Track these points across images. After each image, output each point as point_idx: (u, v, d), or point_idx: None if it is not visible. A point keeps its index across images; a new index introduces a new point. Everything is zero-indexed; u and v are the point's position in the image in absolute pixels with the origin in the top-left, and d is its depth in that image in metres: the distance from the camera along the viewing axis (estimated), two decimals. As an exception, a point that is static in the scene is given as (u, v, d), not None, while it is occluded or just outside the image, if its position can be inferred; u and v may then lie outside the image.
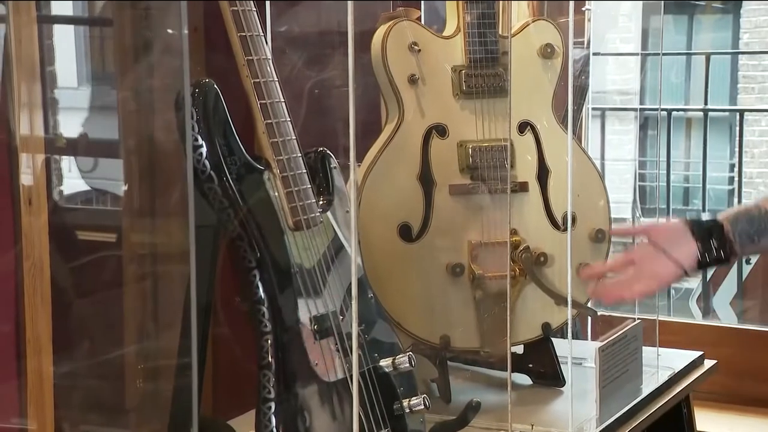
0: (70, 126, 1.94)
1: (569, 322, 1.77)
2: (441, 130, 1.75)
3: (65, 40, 1.97)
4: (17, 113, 1.46)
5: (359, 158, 1.72)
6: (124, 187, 1.85)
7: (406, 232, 1.72)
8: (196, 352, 1.31)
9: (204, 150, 1.36)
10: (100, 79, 2.03)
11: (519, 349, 1.83)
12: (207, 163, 1.36)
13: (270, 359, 1.37)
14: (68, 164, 2.00)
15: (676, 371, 1.92)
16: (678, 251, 1.45)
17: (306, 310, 1.41)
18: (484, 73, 1.74)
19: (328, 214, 1.48)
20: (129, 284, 1.79)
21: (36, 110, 1.50)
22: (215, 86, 1.37)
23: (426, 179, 1.73)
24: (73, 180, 1.98)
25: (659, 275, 1.47)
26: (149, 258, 1.82)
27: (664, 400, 1.82)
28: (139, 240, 1.82)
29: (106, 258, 1.79)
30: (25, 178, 1.48)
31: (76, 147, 1.96)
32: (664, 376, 1.88)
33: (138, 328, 1.80)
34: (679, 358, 1.97)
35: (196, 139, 1.36)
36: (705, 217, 1.84)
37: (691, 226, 1.47)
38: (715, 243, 1.44)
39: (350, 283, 1.46)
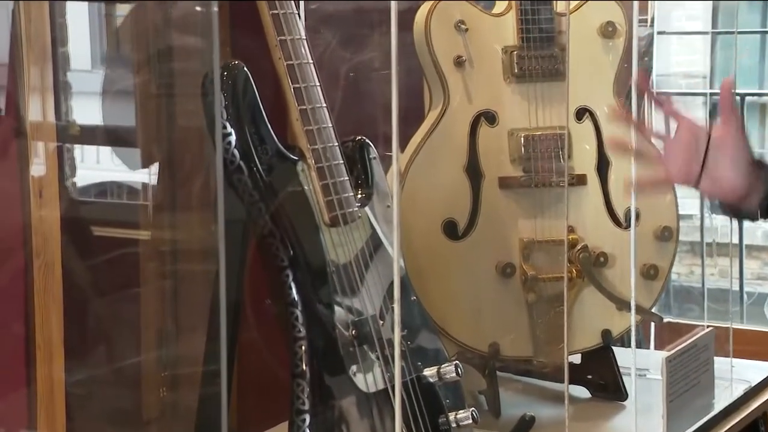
0: (84, 112, 1.97)
1: (633, 329, 1.77)
2: (490, 117, 1.75)
3: (79, 19, 2.00)
4: (27, 98, 1.48)
5: (400, 148, 1.73)
6: (142, 179, 1.87)
7: (451, 229, 1.73)
8: (225, 358, 1.33)
9: (233, 138, 1.38)
10: (117, 61, 2.06)
11: (576, 359, 1.83)
12: (236, 152, 1.38)
13: (304, 367, 1.39)
14: (81, 153, 2.04)
15: (752, 385, 1.91)
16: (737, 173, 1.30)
17: (343, 314, 1.42)
18: (539, 55, 1.74)
19: (366, 208, 1.49)
20: (147, 284, 1.82)
21: (47, 95, 1.51)
22: (245, 69, 1.39)
23: (473, 171, 1.74)
24: (86, 171, 2.01)
25: (721, 179, 1.31)
26: (169, 256, 1.85)
27: (739, 417, 1.82)
28: (158, 236, 1.84)
29: (123, 255, 1.81)
30: (36, 169, 1.50)
31: (90, 135, 1.99)
32: (738, 390, 1.87)
33: (157, 332, 1.83)
34: (755, 370, 1.96)
35: (225, 127, 1.37)
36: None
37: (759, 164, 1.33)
38: None
39: (390, 285, 1.47)
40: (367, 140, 1.53)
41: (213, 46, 1.13)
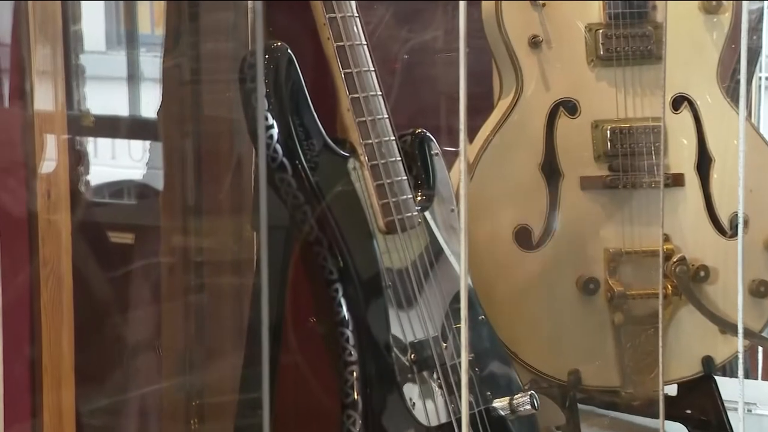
0: (99, 99, 2.01)
1: (740, 356, 1.76)
2: (571, 107, 1.76)
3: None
4: (33, 84, 1.50)
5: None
6: (164, 178, 1.90)
7: (524, 237, 1.74)
8: (267, 385, 1.35)
9: (275, 132, 1.40)
10: (135, 41, 2.10)
11: (672, 390, 1.83)
12: (278, 147, 1.40)
13: (356, 396, 1.40)
14: (94, 147, 2.08)
15: None
16: None
17: (401, 335, 1.43)
18: (629, 33, 1.74)
19: (427, 213, 1.51)
20: (169, 299, 1.84)
21: (57, 80, 1.54)
22: (289, 51, 1.41)
23: (551, 170, 1.75)
24: (101, 167, 2.05)
25: None
26: (194, 267, 1.87)
27: None
28: (181, 243, 1.87)
29: (143, 266, 1.84)
30: (43, 165, 1.52)
31: (106, 126, 2.02)
32: None
33: (181, 354, 1.85)
34: None
35: (266, 118, 1.39)
36: None
37: None
38: None
39: (454, 301, 1.48)
40: (428, 134, 1.54)
41: (257, 24, 1.15)
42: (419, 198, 1.51)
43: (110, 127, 2.04)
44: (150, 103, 2.03)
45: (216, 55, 1.85)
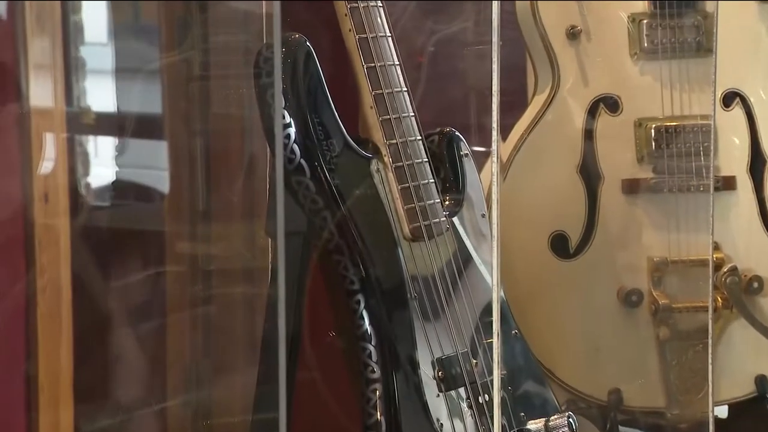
0: (100, 95, 2.01)
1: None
2: (612, 104, 1.77)
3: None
4: (29, 78, 1.52)
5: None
6: (168, 180, 1.91)
7: (561, 245, 1.75)
8: (284, 404, 1.36)
9: (292, 131, 1.41)
10: (139, 32, 2.10)
11: (722, 412, 1.83)
12: (296, 148, 1.41)
13: (379, 417, 1.41)
14: (95, 147, 2.08)
15: None
16: None
17: (427, 350, 1.44)
18: (675, 24, 1.75)
19: (456, 218, 1.52)
20: (175, 311, 1.85)
21: (55, 74, 1.55)
22: (307, 44, 1.42)
23: (590, 172, 1.75)
24: (102, 168, 2.05)
25: None
26: (203, 276, 1.88)
27: None
28: (187, 251, 1.88)
29: (147, 275, 1.85)
30: (41, 166, 1.53)
31: (108, 124, 2.03)
32: None
33: (187, 370, 1.86)
34: None
35: (283, 116, 1.40)
36: None
37: None
38: None
39: (484, 314, 1.49)
40: (456, 133, 1.55)
41: (274, 16, 1.16)
42: (447, 202, 1.52)
43: (112, 125, 2.05)
44: (155, 99, 2.04)
45: (227, 48, 1.86)
